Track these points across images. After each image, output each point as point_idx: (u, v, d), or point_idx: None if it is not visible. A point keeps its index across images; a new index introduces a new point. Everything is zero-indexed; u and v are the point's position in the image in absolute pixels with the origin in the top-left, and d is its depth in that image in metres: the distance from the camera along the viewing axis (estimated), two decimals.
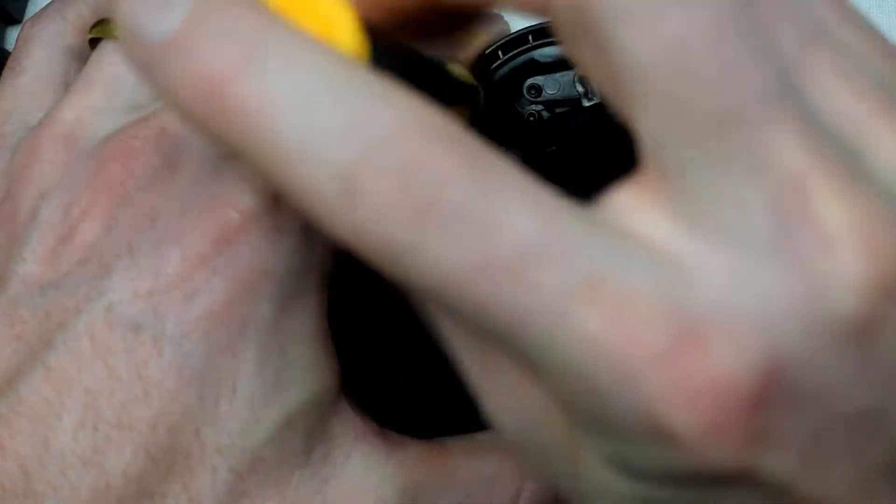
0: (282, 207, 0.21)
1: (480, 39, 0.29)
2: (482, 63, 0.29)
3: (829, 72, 0.14)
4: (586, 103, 0.28)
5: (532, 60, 0.29)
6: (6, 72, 0.26)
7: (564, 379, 0.14)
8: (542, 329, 0.14)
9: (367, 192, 0.14)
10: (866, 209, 0.14)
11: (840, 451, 0.15)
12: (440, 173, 0.14)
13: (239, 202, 0.21)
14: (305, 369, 0.22)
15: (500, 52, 0.29)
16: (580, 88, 0.28)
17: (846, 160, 0.14)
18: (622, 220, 0.14)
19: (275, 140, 0.14)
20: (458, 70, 0.23)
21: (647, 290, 0.14)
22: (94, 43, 0.25)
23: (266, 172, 0.14)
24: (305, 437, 0.22)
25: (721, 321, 0.14)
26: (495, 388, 0.17)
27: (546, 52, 0.28)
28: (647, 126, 0.14)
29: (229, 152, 0.15)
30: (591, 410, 0.14)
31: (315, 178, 0.14)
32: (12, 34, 0.34)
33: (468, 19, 0.19)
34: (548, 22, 0.15)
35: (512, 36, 0.29)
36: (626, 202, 0.15)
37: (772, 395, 0.14)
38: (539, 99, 0.28)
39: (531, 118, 0.28)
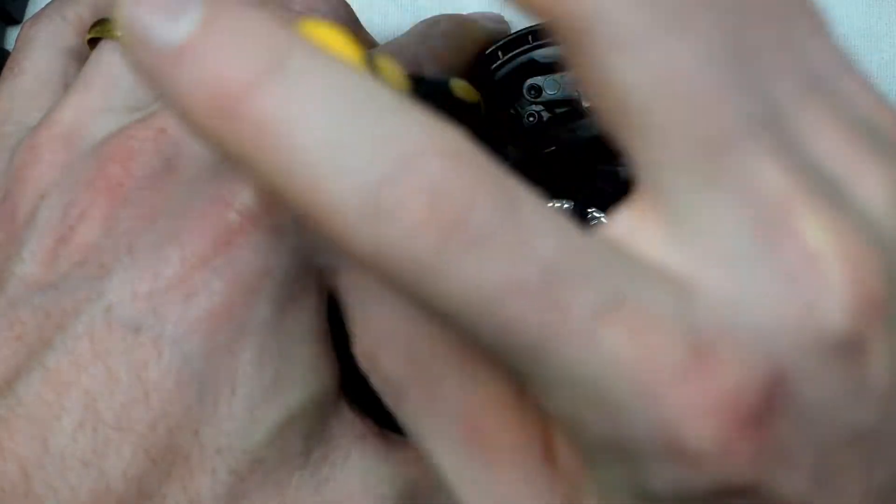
0: (282, 208, 0.21)
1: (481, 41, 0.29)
2: (482, 63, 0.29)
3: (822, 116, 0.15)
4: (586, 104, 0.28)
5: (532, 61, 0.29)
6: (5, 72, 0.26)
7: (584, 399, 0.14)
8: (567, 348, 0.14)
9: (393, 210, 0.13)
10: (849, 232, 0.14)
11: (846, 470, 0.15)
12: (468, 193, 0.14)
13: (238, 203, 0.21)
14: (305, 370, 0.22)
15: (500, 53, 0.29)
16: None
17: (827, 189, 0.15)
18: (626, 243, 0.15)
19: (296, 156, 0.14)
20: (461, 87, 0.24)
21: (661, 310, 0.14)
22: (93, 43, 0.25)
23: (281, 188, 0.14)
24: (305, 437, 0.22)
25: (725, 337, 0.14)
26: (501, 499, 0.17)
27: (546, 53, 0.28)
28: (639, 150, 0.15)
29: (238, 166, 0.14)
30: (608, 432, 0.15)
31: (338, 195, 0.14)
32: (12, 34, 0.34)
33: None
34: None
35: (512, 36, 0.29)
36: (627, 225, 0.15)
37: (775, 406, 0.14)
38: (539, 99, 0.28)
39: (531, 119, 0.28)
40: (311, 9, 0.25)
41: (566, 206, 0.27)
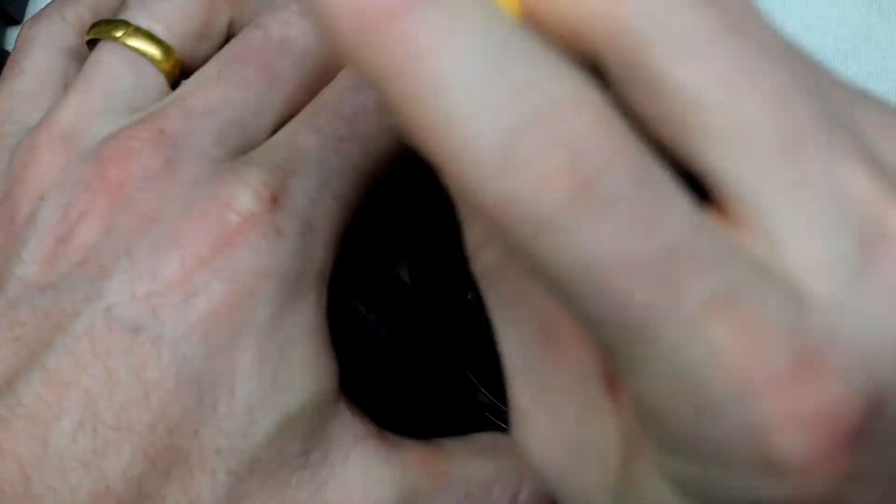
0: (281, 209, 0.21)
1: None
2: None
3: (877, 120, 0.15)
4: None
5: None
6: (5, 72, 0.26)
7: (676, 389, 0.14)
8: (672, 334, 0.13)
9: (528, 160, 0.13)
10: None
11: None
12: (607, 153, 0.13)
13: (238, 204, 0.21)
14: (304, 371, 0.22)
15: None
16: None
17: None
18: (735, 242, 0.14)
19: (436, 90, 0.13)
20: None
21: (773, 312, 0.13)
22: (93, 43, 0.25)
23: (415, 121, 0.13)
24: (304, 438, 0.22)
25: (833, 346, 0.13)
26: (554, 411, 0.17)
27: None
28: (714, 156, 0.14)
29: (374, 88, 0.14)
30: (693, 427, 0.14)
31: (474, 138, 0.13)
32: (12, 35, 0.34)
33: None
34: None
35: None
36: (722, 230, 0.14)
37: (872, 426, 0.14)
38: None
39: None
40: None
41: None
